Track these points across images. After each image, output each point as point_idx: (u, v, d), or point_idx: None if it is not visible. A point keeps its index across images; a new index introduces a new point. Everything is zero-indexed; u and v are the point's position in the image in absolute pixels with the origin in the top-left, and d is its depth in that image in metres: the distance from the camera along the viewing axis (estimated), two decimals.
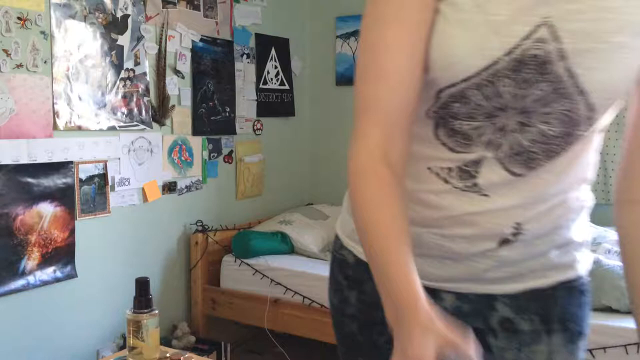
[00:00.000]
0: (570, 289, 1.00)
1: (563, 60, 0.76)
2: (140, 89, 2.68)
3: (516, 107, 0.80)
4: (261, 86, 3.40)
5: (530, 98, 0.79)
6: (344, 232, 1.06)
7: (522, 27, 0.75)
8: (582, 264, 1.01)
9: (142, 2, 2.67)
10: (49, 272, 2.35)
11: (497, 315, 0.94)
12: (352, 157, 0.82)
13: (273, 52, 3.47)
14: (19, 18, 2.20)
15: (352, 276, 1.03)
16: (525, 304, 0.93)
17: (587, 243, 1.01)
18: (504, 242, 0.89)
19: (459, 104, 0.81)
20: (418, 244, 0.89)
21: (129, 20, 2.61)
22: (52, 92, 2.32)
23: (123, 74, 2.60)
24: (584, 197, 0.99)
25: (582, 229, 0.98)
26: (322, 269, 2.76)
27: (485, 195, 0.87)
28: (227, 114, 3.19)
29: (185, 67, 2.92)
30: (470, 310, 0.95)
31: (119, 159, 2.60)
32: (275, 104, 3.52)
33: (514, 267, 0.91)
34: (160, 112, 2.79)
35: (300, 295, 2.70)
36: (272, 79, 3.47)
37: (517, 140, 0.83)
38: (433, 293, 0.93)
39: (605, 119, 0.86)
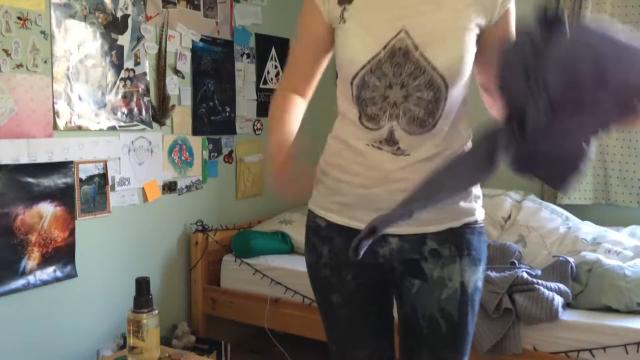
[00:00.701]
0: (472, 229, 1.36)
1: (417, 49, 1.23)
2: (140, 89, 2.68)
3: (398, 83, 1.24)
4: (261, 86, 3.40)
5: (404, 74, 1.24)
6: (316, 205, 1.44)
7: (389, 33, 1.24)
8: (479, 212, 1.37)
9: (142, 2, 2.67)
10: (49, 272, 2.35)
11: (427, 248, 1.34)
12: (274, 94, 1.43)
13: (273, 52, 3.48)
14: (19, 18, 2.20)
15: (324, 235, 1.41)
16: (444, 238, 1.33)
17: (480, 196, 1.39)
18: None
19: (364, 90, 1.27)
20: (375, 201, 1.30)
21: (129, 20, 2.61)
22: (52, 92, 2.32)
23: (123, 74, 2.60)
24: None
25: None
26: None
27: (408, 155, 1.28)
28: (227, 113, 3.19)
29: (186, 67, 2.92)
30: (409, 247, 1.34)
31: (119, 158, 2.60)
32: None
33: (437, 211, 1.27)
34: (160, 112, 2.79)
35: (301, 295, 2.70)
36: (272, 79, 3.47)
37: (407, 108, 1.25)
38: (383, 238, 1.32)
39: (459, 86, 1.27)
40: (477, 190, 1.37)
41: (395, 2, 1.25)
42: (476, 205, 1.37)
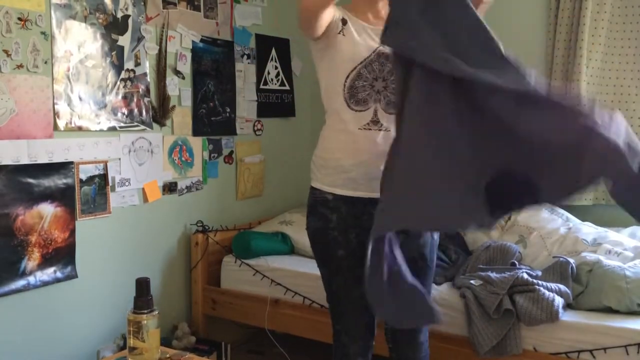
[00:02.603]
0: None
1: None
2: (140, 90, 2.68)
3: (381, 77, 1.80)
4: (261, 87, 3.40)
5: (385, 71, 1.79)
6: (323, 183, 1.87)
7: (374, 44, 1.79)
8: None
9: (143, 3, 2.68)
10: (49, 273, 2.35)
11: None
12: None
13: (273, 52, 3.48)
14: (19, 19, 2.20)
15: (333, 206, 1.84)
16: None
17: None
18: None
19: (358, 80, 1.79)
20: (372, 171, 1.77)
21: (130, 21, 2.61)
22: (53, 92, 2.32)
23: (123, 75, 2.60)
24: None
25: None
26: None
27: (388, 130, 1.79)
28: (228, 114, 3.19)
29: (186, 67, 2.92)
30: None
31: (120, 159, 2.61)
32: (276, 105, 3.52)
33: None
34: (160, 113, 2.80)
35: (301, 295, 2.70)
36: (272, 80, 3.48)
37: (385, 94, 1.80)
38: (375, 202, 1.63)
39: None
40: None
41: (372, 30, 1.82)
42: None
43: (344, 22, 1.81)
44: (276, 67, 3.50)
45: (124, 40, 2.59)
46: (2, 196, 2.18)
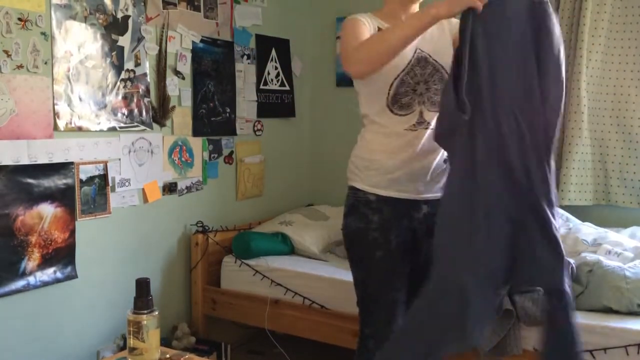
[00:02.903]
0: None
1: (431, 57, 1.85)
2: (140, 90, 2.68)
3: (422, 80, 1.83)
4: (261, 87, 3.40)
5: (425, 73, 1.83)
6: (366, 184, 1.87)
7: (410, 51, 1.80)
8: None
9: (143, 3, 2.68)
10: (49, 273, 2.35)
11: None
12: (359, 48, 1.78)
13: (273, 52, 3.48)
14: (19, 19, 2.20)
15: (375, 207, 1.85)
16: None
17: None
18: (446, 160, 1.84)
19: (401, 87, 1.81)
20: (415, 174, 1.84)
21: (130, 21, 2.61)
22: (53, 93, 2.32)
23: (123, 75, 2.60)
24: None
25: None
26: (323, 270, 2.76)
27: (432, 128, 1.82)
28: (228, 114, 3.19)
29: (186, 68, 2.92)
30: (431, 212, 1.83)
31: (120, 159, 2.61)
32: (276, 105, 3.52)
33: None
34: (160, 113, 2.80)
35: (301, 296, 2.70)
36: (272, 80, 3.48)
37: (428, 95, 1.84)
38: (417, 204, 1.87)
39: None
40: None
41: None
42: None
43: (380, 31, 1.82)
44: (276, 68, 3.50)
45: (124, 41, 2.59)
46: (2, 196, 2.18)
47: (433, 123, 1.82)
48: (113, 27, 2.54)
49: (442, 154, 1.86)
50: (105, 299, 2.59)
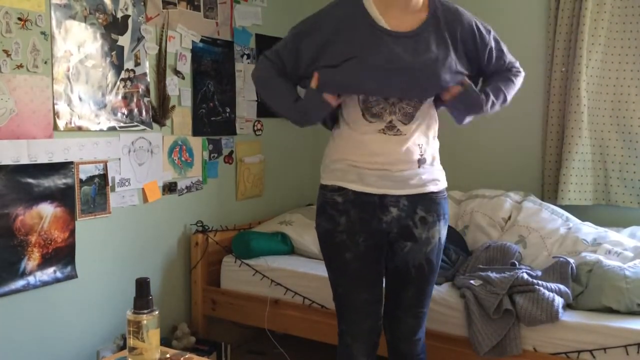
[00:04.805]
0: (444, 197, 1.90)
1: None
2: (140, 90, 2.68)
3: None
4: None
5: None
6: (334, 180, 1.87)
7: None
8: (443, 182, 1.91)
9: (143, 3, 2.67)
10: (49, 273, 2.35)
11: (417, 216, 1.85)
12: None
13: None
14: (19, 19, 2.20)
15: (342, 209, 1.84)
16: (428, 206, 1.86)
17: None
18: (419, 162, 1.83)
19: (372, 97, 1.79)
20: (387, 175, 1.81)
21: (129, 21, 2.61)
22: (53, 92, 2.32)
23: (123, 75, 2.60)
24: (436, 144, 1.92)
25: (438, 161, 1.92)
26: (323, 270, 2.74)
27: (405, 135, 1.81)
28: (228, 114, 3.19)
29: (186, 67, 2.92)
30: (404, 215, 1.84)
31: (119, 159, 2.60)
32: None
33: (423, 176, 1.84)
34: (160, 113, 2.80)
35: (301, 296, 2.70)
36: None
37: (400, 106, 1.80)
38: (386, 208, 1.83)
39: (430, 98, 1.85)
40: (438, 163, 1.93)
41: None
42: (441, 176, 1.92)
43: None
44: None
45: (124, 40, 2.59)
46: (2, 196, 2.18)
47: (405, 132, 1.80)
48: (113, 26, 2.54)
49: (413, 155, 1.82)
50: (105, 299, 2.59)
